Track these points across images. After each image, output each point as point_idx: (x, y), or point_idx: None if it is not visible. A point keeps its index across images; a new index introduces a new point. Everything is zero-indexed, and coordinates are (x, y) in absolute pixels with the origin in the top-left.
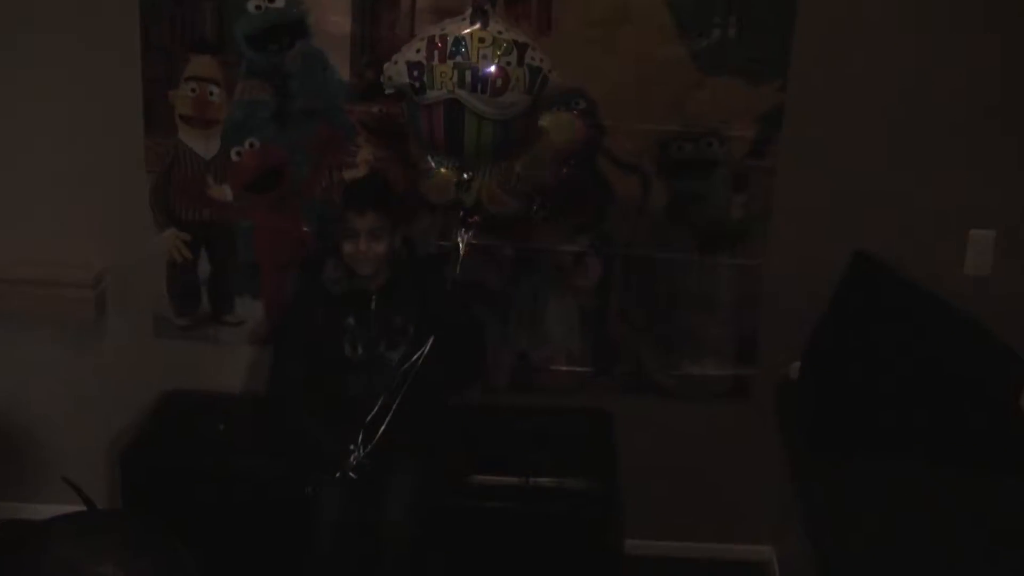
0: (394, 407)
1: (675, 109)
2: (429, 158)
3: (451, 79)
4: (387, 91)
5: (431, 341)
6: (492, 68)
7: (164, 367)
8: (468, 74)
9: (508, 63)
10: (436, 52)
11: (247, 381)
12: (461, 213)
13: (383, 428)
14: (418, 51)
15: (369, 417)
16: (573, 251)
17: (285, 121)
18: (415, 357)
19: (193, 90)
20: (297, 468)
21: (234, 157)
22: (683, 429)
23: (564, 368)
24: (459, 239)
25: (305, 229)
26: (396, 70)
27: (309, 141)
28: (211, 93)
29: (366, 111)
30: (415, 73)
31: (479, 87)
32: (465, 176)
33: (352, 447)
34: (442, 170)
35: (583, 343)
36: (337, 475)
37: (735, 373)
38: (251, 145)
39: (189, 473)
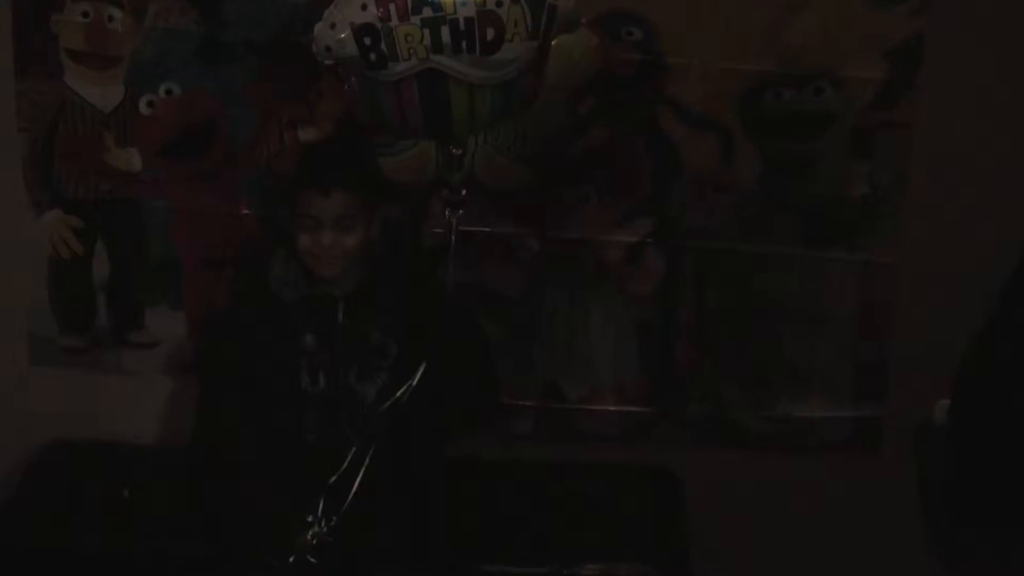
0: (367, 461)
1: (770, 40)
2: None
3: (421, 42)
4: (325, 63)
5: (422, 369)
6: (475, 14)
7: (43, 408)
8: (444, 31)
9: (498, 2)
10: (393, 6)
11: (163, 426)
12: (445, 192)
13: (354, 491)
14: (364, 7)
15: (335, 476)
16: (624, 243)
17: (216, 58)
18: (399, 392)
19: (85, 13)
20: (234, 550)
21: (144, 109)
22: (781, 494)
23: (612, 408)
24: (450, 224)
25: (245, 212)
26: (336, 39)
27: (250, 87)
28: (110, 18)
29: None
30: (367, 41)
31: (463, 46)
32: (454, 151)
33: (311, 518)
34: (419, 143)
35: (639, 373)
36: (290, 559)
37: (856, 415)
38: (168, 92)
39: (78, 559)
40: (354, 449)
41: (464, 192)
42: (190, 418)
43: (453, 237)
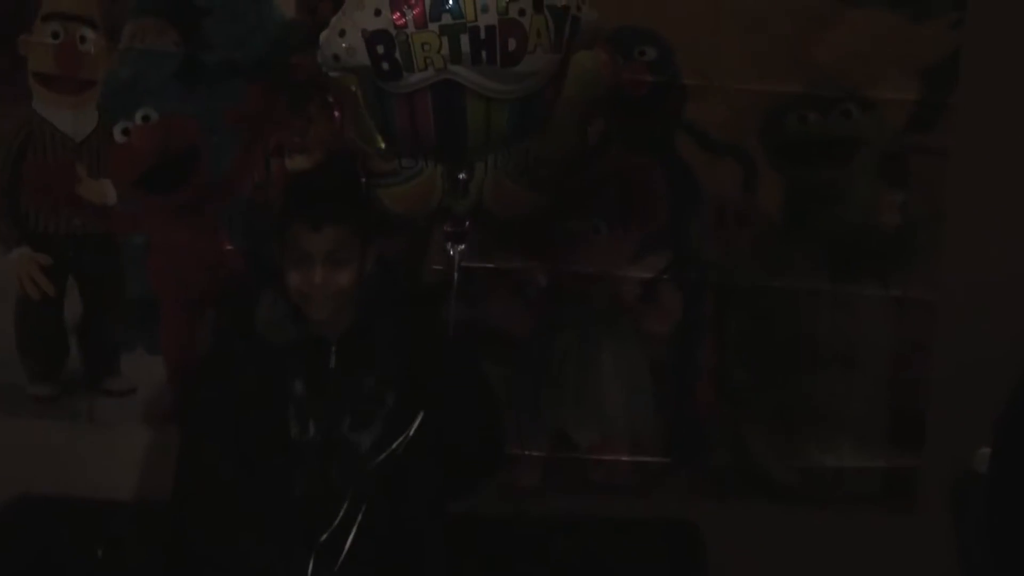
0: (361, 518)
1: (795, 59)
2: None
3: (439, 51)
4: (331, 75)
5: (420, 418)
6: (498, 22)
7: (9, 461)
8: (464, 39)
9: (521, 11)
10: (410, 12)
11: (140, 480)
12: (447, 224)
13: (346, 551)
14: (378, 12)
15: (326, 534)
16: (639, 279)
17: (197, 81)
18: (396, 443)
19: (55, 34)
20: None
21: (119, 137)
22: (809, 550)
23: (626, 458)
24: (451, 260)
25: (228, 247)
26: (344, 47)
27: (234, 112)
28: (83, 39)
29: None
30: (381, 49)
31: (483, 56)
32: (461, 177)
33: None
34: (424, 170)
35: (655, 420)
36: None
37: (889, 465)
38: (145, 118)
39: None
40: (346, 504)
41: (467, 224)
42: (170, 471)
43: (455, 273)
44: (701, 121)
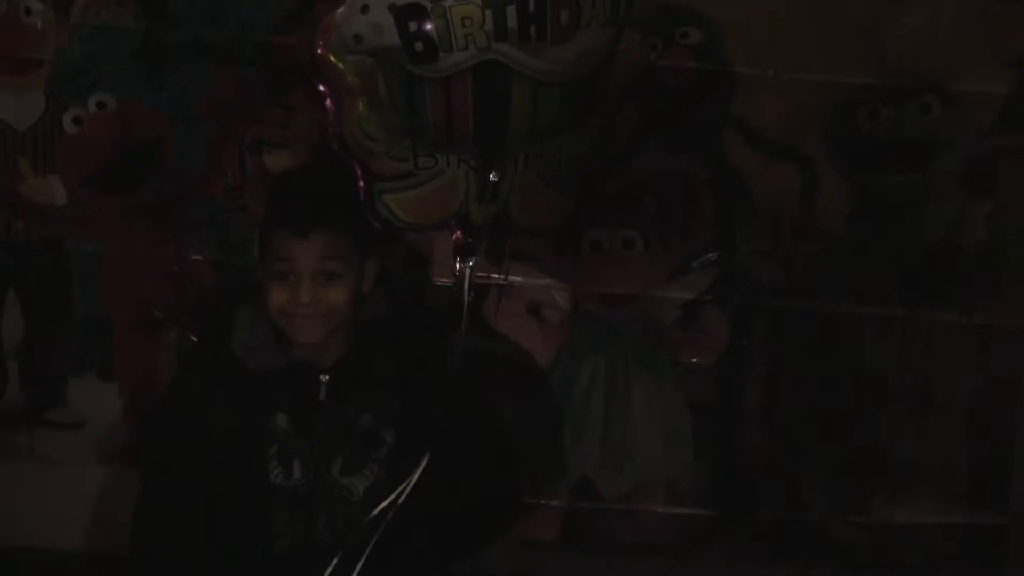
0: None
1: (865, 46)
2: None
3: (482, 27)
4: (347, 58)
5: (424, 463)
6: None
7: None
8: (511, 12)
9: None
10: None
11: (92, 529)
12: (457, 233)
13: None
14: None
15: None
16: (678, 301)
17: (161, 63)
18: (397, 491)
19: None
20: None
21: (70, 127)
22: None
23: (660, 511)
24: (463, 276)
25: (197, 257)
26: (368, 24)
27: (204, 99)
28: (28, 11)
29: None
30: (414, 26)
31: (531, 32)
32: (492, 178)
33: None
34: (446, 170)
35: (695, 466)
36: None
37: (972, 521)
38: (100, 106)
39: None
40: (335, 560)
41: (481, 234)
42: (125, 518)
43: (465, 293)
44: (753, 117)
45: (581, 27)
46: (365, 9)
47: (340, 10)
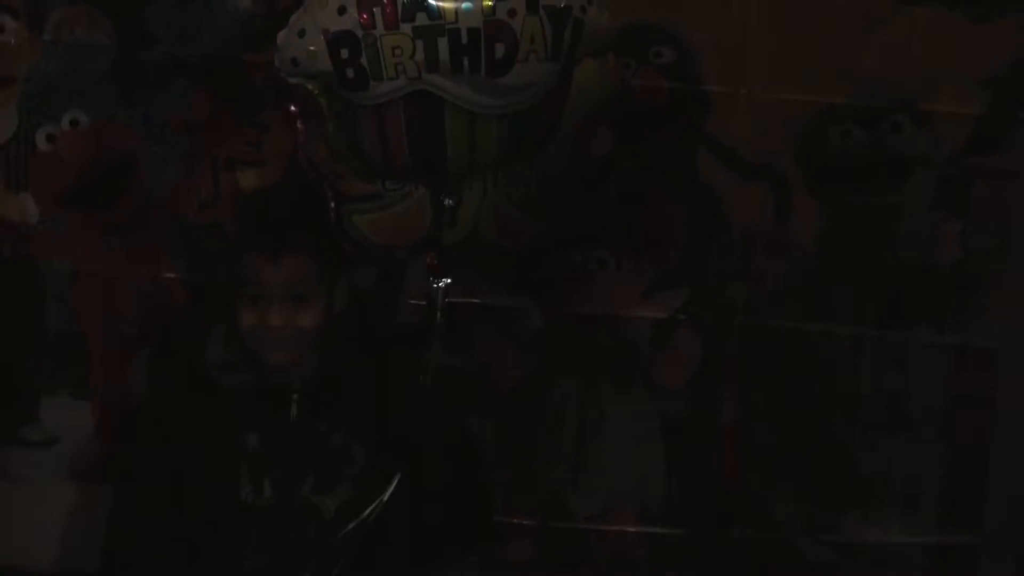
0: None
1: (839, 65)
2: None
3: (412, 57)
4: (290, 81)
5: (396, 481)
6: (482, 24)
7: None
8: (442, 44)
9: (511, 11)
10: (379, 11)
11: (62, 549)
12: (431, 255)
13: None
14: (343, 10)
15: None
16: (650, 319)
17: (135, 80)
18: (367, 510)
19: None
20: None
21: (43, 145)
22: None
23: (633, 529)
24: (435, 296)
25: (169, 275)
26: (305, 48)
27: (177, 118)
28: (0, 28)
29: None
30: (344, 54)
31: (464, 64)
32: (447, 203)
33: None
34: (412, 193)
35: (668, 486)
36: None
37: (942, 540)
38: (73, 123)
39: None
40: None
41: (452, 255)
42: (98, 537)
43: (438, 312)
44: (726, 135)
45: (519, 61)
46: (302, 33)
47: (281, 32)
